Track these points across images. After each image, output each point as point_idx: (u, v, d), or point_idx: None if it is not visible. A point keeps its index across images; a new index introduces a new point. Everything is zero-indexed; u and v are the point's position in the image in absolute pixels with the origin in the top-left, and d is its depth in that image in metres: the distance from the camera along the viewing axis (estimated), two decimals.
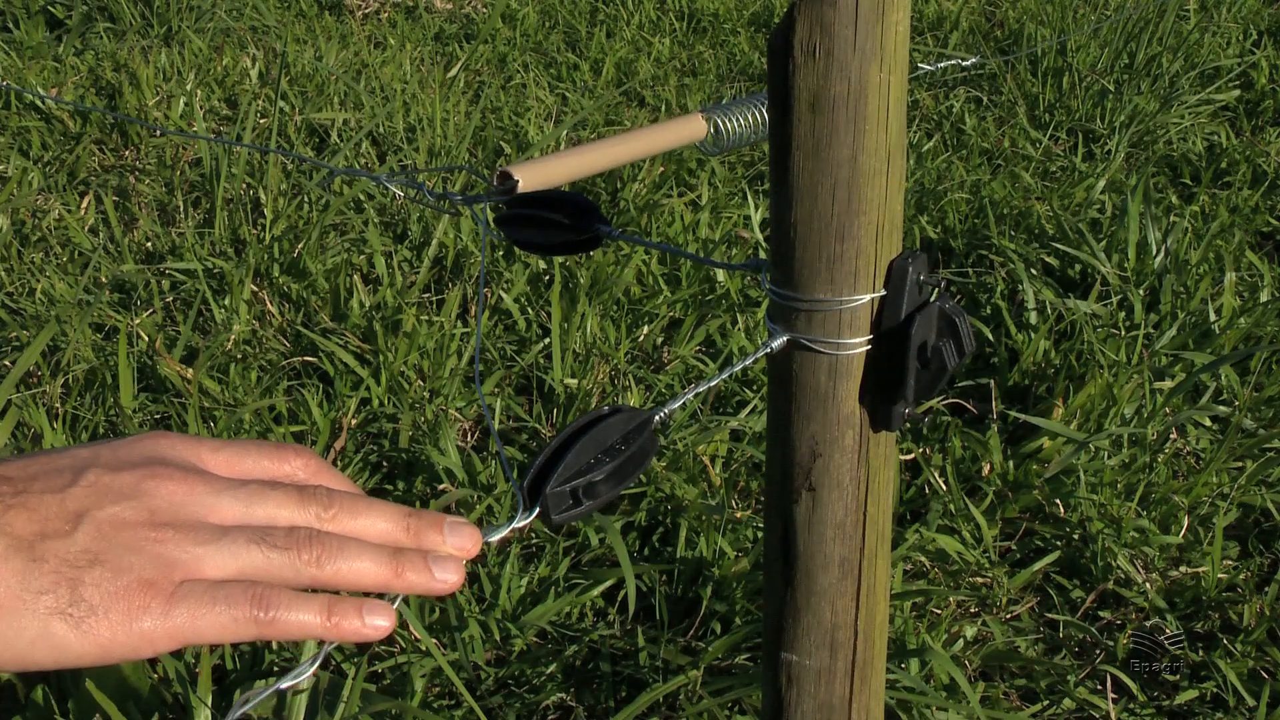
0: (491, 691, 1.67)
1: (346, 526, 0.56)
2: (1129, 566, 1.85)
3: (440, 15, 4.68)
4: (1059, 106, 3.65)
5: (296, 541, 0.53)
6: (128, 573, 0.48)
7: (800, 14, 0.71)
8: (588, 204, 0.95)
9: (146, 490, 0.51)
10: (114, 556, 0.48)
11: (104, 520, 0.49)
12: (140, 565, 0.49)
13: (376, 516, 0.57)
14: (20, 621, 0.46)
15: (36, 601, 0.47)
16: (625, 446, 0.71)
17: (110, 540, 0.49)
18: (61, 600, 0.47)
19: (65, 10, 4.35)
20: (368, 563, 0.54)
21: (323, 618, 0.52)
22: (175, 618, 0.49)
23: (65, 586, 0.47)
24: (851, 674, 0.94)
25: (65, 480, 0.50)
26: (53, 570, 0.47)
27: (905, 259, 0.79)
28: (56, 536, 0.48)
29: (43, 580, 0.47)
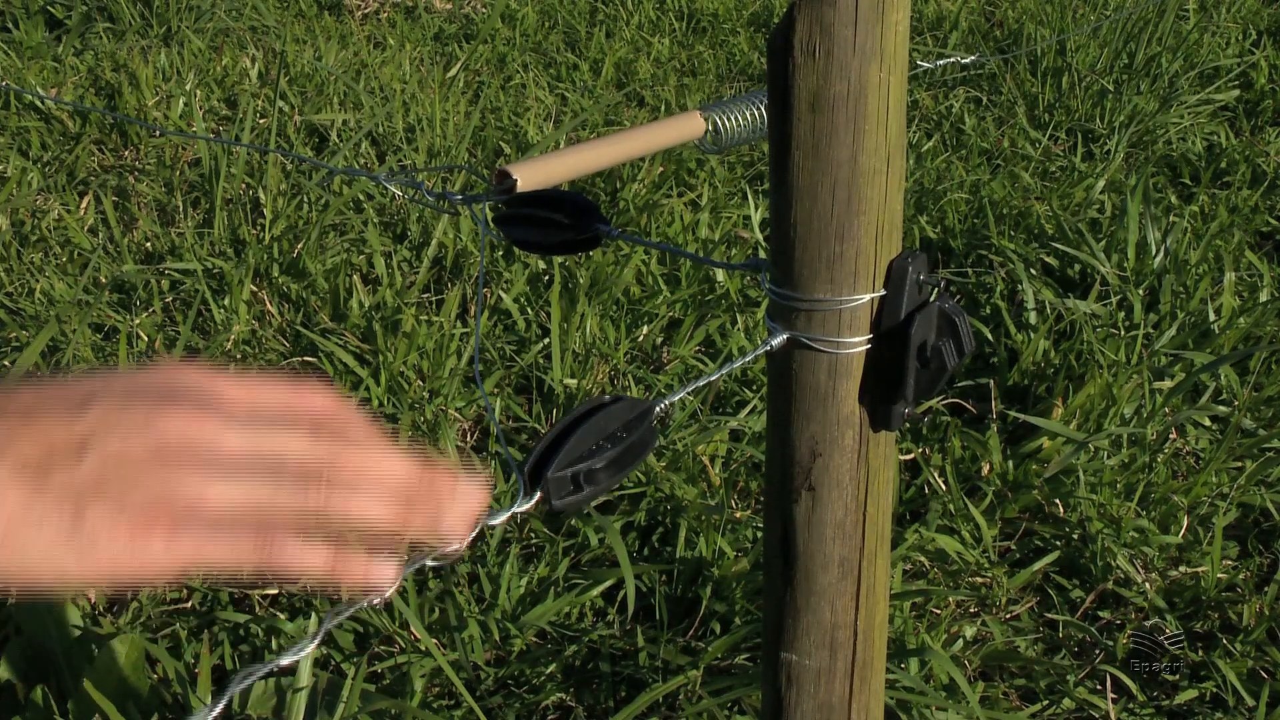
0: (491, 691, 1.67)
1: (359, 466, 0.55)
2: (1128, 566, 1.85)
3: (440, 15, 4.68)
4: (1058, 106, 3.65)
5: (305, 477, 0.52)
6: (133, 500, 0.49)
7: (800, 14, 0.71)
8: (587, 204, 0.95)
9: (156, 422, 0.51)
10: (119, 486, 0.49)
11: (111, 450, 0.49)
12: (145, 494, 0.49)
13: (390, 462, 0.56)
14: (27, 543, 0.47)
15: (41, 524, 0.47)
16: (626, 435, 0.71)
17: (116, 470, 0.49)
18: (65, 525, 0.48)
19: (65, 10, 4.35)
20: (375, 504, 0.54)
21: (327, 560, 0.52)
22: (179, 545, 0.49)
23: (70, 513, 0.48)
24: (851, 674, 0.94)
25: (75, 410, 0.50)
26: (57, 496, 0.48)
27: (905, 259, 0.79)
28: (63, 465, 0.48)
29: (47, 505, 0.48)
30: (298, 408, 0.56)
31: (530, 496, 0.67)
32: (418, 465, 0.57)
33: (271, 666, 0.55)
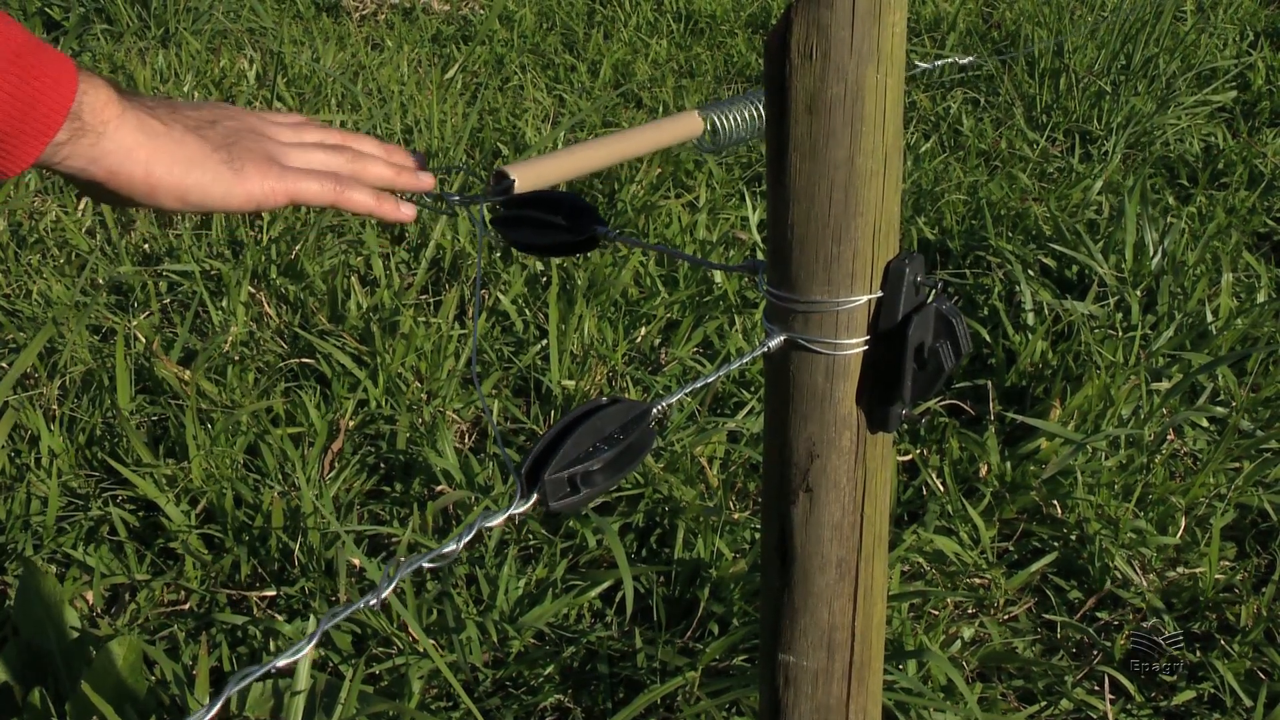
0: (489, 693, 1.67)
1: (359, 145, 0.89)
2: (1126, 567, 1.85)
3: (437, 17, 4.68)
4: (1056, 107, 3.66)
5: (337, 150, 0.86)
6: (254, 150, 0.79)
7: (797, 16, 0.71)
8: (585, 205, 0.95)
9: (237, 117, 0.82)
10: (243, 141, 0.80)
11: (228, 123, 0.80)
12: (258, 148, 0.80)
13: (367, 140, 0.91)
14: (204, 169, 0.75)
15: (212, 156, 0.76)
16: (623, 436, 0.71)
17: (236, 134, 0.80)
18: (224, 158, 0.77)
19: (62, 12, 4.35)
20: (380, 165, 0.88)
21: (375, 200, 0.86)
22: (288, 180, 0.80)
23: (224, 152, 0.77)
24: (849, 675, 0.94)
25: (194, 106, 0.80)
26: (213, 143, 0.77)
27: (902, 260, 0.79)
28: (207, 128, 0.78)
29: (212, 144, 0.77)
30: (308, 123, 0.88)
31: (528, 498, 0.67)
32: (382, 143, 0.91)
33: (269, 668, 0.55)
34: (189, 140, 0.75)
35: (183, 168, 0.73)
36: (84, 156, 0.69)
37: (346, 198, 0.82)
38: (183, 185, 0.74)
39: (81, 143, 0.69)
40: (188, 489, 1.95)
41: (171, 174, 0.73)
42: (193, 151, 0.74)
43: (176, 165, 0.73)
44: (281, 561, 1.86)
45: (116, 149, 0.70)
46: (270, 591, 1.81)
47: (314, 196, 0.80)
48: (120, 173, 0.71)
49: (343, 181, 0.82)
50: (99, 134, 0.69)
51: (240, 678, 0.55)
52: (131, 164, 0.71)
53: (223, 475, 1.96)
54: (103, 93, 0.69)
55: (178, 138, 0.74)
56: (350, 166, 0.85)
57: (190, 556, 1.85)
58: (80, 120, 0.68)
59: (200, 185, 0.74)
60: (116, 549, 1.89)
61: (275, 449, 2.02)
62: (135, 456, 2.00)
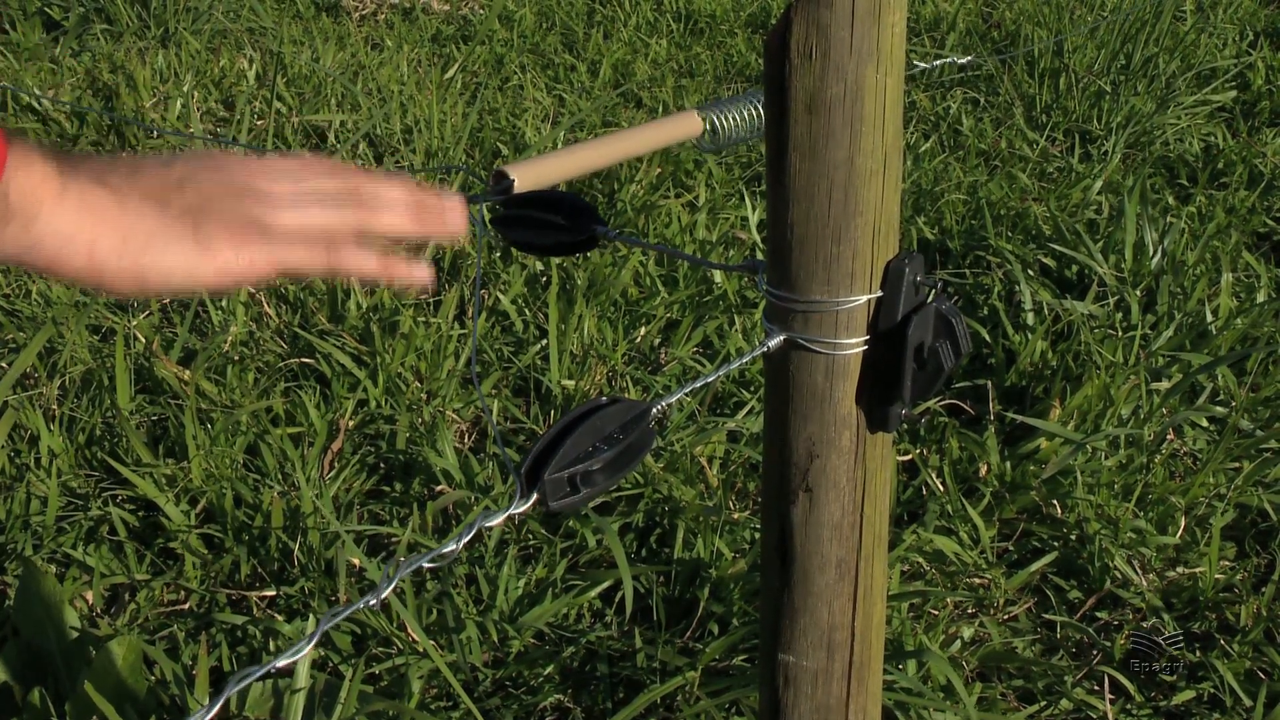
0: (489, 693, 1.67)
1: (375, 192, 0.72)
2: (1126, 567, 1.85)
3: (437, 16, 4.68)
4: (1056, 107, 3.66)
5: (341, 200, 0.70)
6: (229, 217, 0.66)
7: (797, 15, 0.71)
8: (585, 205, 0.95)
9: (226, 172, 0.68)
10: (218, 206, 0.66)
11: (203, 184, 0.67)
12: (237, 213, 0.66)
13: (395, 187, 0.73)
14: (163, 247, 0.63)
15: (171, 231, 0.64)
16: (623, 436, 0.71)
17: (209, 196, 0.66)
18: (188, 230, 0.64)
19: (62, 11, 4.35)
20: (398, 215, 0.72)
21: (378, 263, 0.70)
22: (271, 250, 0.67)
23: (189, 224, 0.65)
24: (849, 675, 0.94)
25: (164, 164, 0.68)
26: (177, 212, 0.65)
27: (902, 260, 0.79)
28: (174, 194, 0.65)
29: (171, 219, 0.64)
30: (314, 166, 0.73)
31: (527, 498, 0.67)
32: (412, 184, 0.74)
33: (269, 668, 0.56)
34: (145, 212, 0.63)
35: (136, 247, 0.63)
36: (16, 244, 0.60)
37: (342, 264, 0.69)
38: (136, 268, 0.63)
39: (9, 229, 0.59)
40: (187, 489, 1.95)
41: (121, 257, 0.62)
42: (148, 226, 0.63)
43: (129, 245, 0.62)
44: (281, 561, 1.86)
45: (53, 234, 0.61)
46: (270, 591, 1.81)
47: (302, 265, 0.68)
48: (60, 261, 0.61)
49: (337, 244, 0.68)
50: (31, 218, 0.60)
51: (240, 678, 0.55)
52: (72, 251, 0.61)
53: (222, 475, 1.96)
54: (37, 169, 0.60)
55: (130, 211, 0.63)
56: (354, 220, 0.70)
57: (190, 556, 1.85)
58: (6, 203, 0.59)
59: (158, 266, 0.63)
60: (116, 549, 1.89)
61: (275, 449, 2.02)
62: (135, 456, 2.00)
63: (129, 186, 0.64)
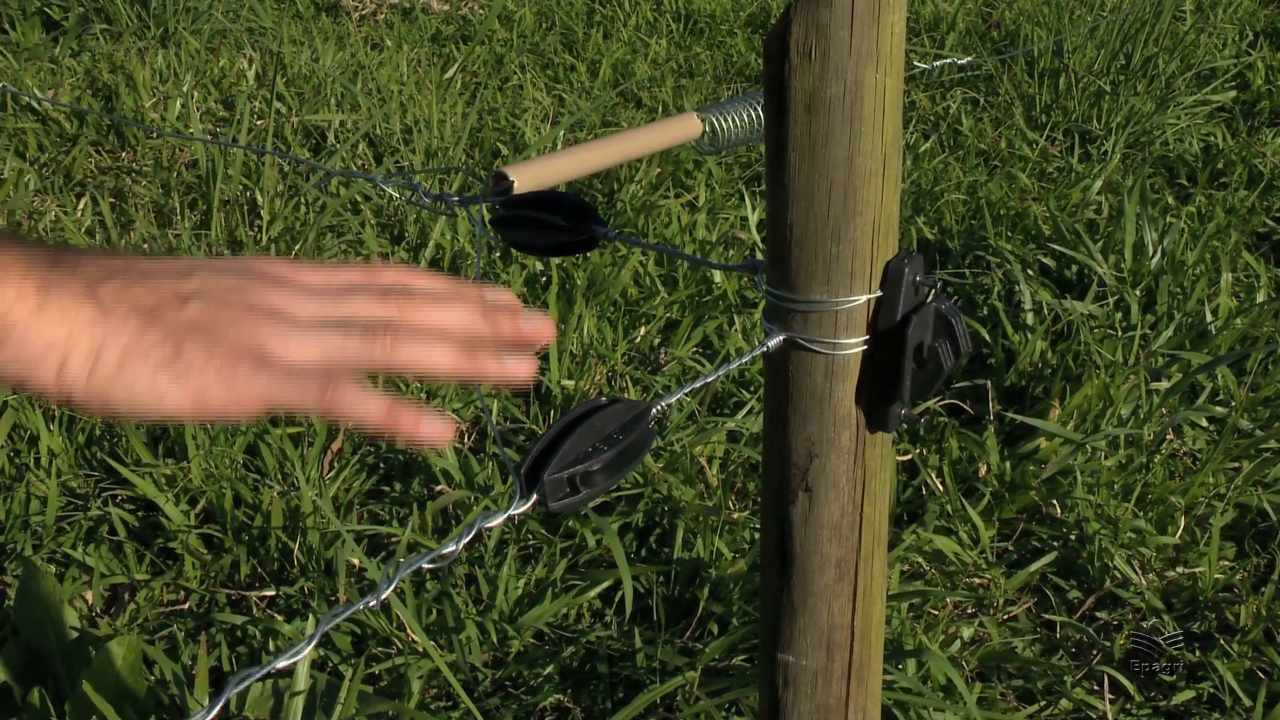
0: (489, 693, 1.67)
1: (426, 317, 0.61)
2: (1126, 567, 1.85)
3: (437, 16, 4.68)
4: (1055, 107, 3.66)
5: (373, 329, 0.60)
6: (224, 342, 0.57)
7: (796, 16, 0.71)
8: (584, 205, 0.95)
9: (247, 289, 0.60)
10: (214, 328, 0.58)
11: (210, 302, 0.58)
12: (235, 338, 0.58)
13: (455, 308, 0.62)
14: (135, 371, 0.56)
15: (148, 354, 0.56)
16: (622, 436, 0.71)
17: (213, 317, 0.58)
18: (168, 355, 0.56)
19: (62, 12, 4.35)
20: (439, 350, 0.60)
21: (383, 411, 0.58)
22: (259, 384, 0.57)
23: (172, 345, 0.56)
24: (848, 675, 0.94)
25: (183, 273, 0.59)
26: (163, 331, 0.56)
27: (901, 260, 0.79)
28: (170, 309, 0.57)
29: (155, 337, 0.56)
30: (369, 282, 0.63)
31: (527, 498, 0.67)
32: (479, 313, 0.63)
33: (269, 668, 0.55)
34: (128, 328, 0.56)
35: (106, 367, 0.55)
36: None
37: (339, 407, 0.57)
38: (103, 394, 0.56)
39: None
40: (187, 489, 1.95)
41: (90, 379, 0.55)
42: (123, 344, 0.56)
43: (99, 365, 0.55)
44: (281, 561, 1.86)
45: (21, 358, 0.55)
46: (270, 591, 1.81)
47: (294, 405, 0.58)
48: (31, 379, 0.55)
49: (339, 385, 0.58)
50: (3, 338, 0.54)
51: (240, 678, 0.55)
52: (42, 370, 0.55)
53: (222, 475, 1.96)
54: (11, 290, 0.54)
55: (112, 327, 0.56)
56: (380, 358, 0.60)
57: (190, 556, 1.85)
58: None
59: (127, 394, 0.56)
60: (116, 549, 1.89)
61: (275, 449, 2.02)
62: (135, 456, 2.00)
63: (121, 295, 0.57)
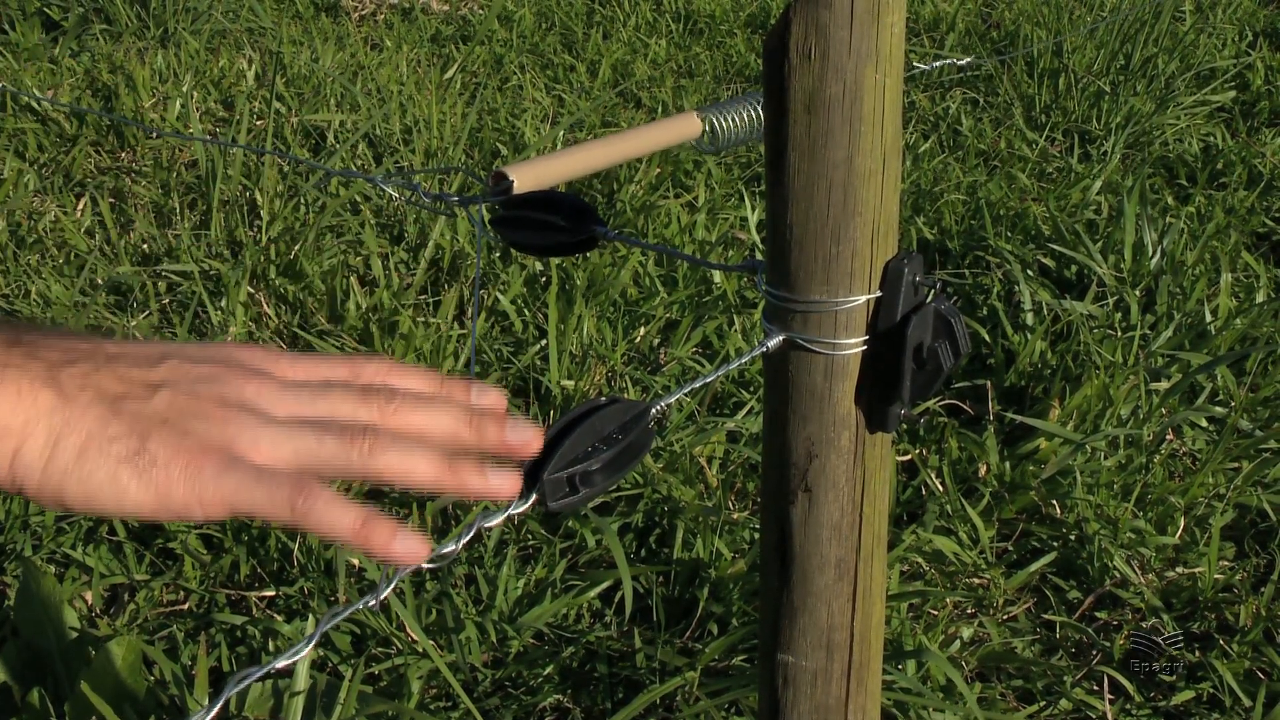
0: (489, 693, 1.67)
1: (408, 421, 0.58)
2: (1125, 567, 1.85)
3: (436, 17, 4.68)
4: (1055, 108, 3.66)
5: (351, 432, 0.56)
6: (191, 437, 0.54)
7: (795, 16, 0.71)
8: (584, 205, 0.95)
9: (220, 380, 0.56)
10: (182, 422, 0.54)
11: (179, 393, 0.55)
12: (203, 433, 0.54)
13: (439, 413, 0.59)
14: (94, 463, 0.52)
15: (110, 446, 0.52)
16: (622, 436, 0.71)
17: (181, 409, 0.54)
18: (131, 448, 0.52)
19: (61, 12, 4.35)
20: (421, 460, 0.56)
21: (356, 524, 0.54)
22: (225, 486, 0.53)
23: (136, 438, 0.53)
24: (848, 675, 0.94)
25: (151, 361, 0.56)
26: (127, 423, 0.53)
27: (901, 260, 0.79)
28: (136, 398, 0.54)
29: (118, 429, 0.53)
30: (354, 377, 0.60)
31: (526, 498, 0.67)
32: (464, 420, 0.59)
33: (268, 668, 0.55)
34: (89, 417, 0.53)
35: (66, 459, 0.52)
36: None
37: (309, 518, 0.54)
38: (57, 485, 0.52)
39: None
40: None
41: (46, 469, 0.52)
42: (87, 435, 0.52)
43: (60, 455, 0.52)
44: (281, 561, 1.86)
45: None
46: (269, 592, 1.81)
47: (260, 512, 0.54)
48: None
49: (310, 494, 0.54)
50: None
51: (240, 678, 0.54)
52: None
53: None
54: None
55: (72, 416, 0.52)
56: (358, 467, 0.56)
57: (189, 557, 1.85)
58: None
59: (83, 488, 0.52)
60: (115, 549, 1.89)
61: None
62: None
63: (84, 381, 0.53)
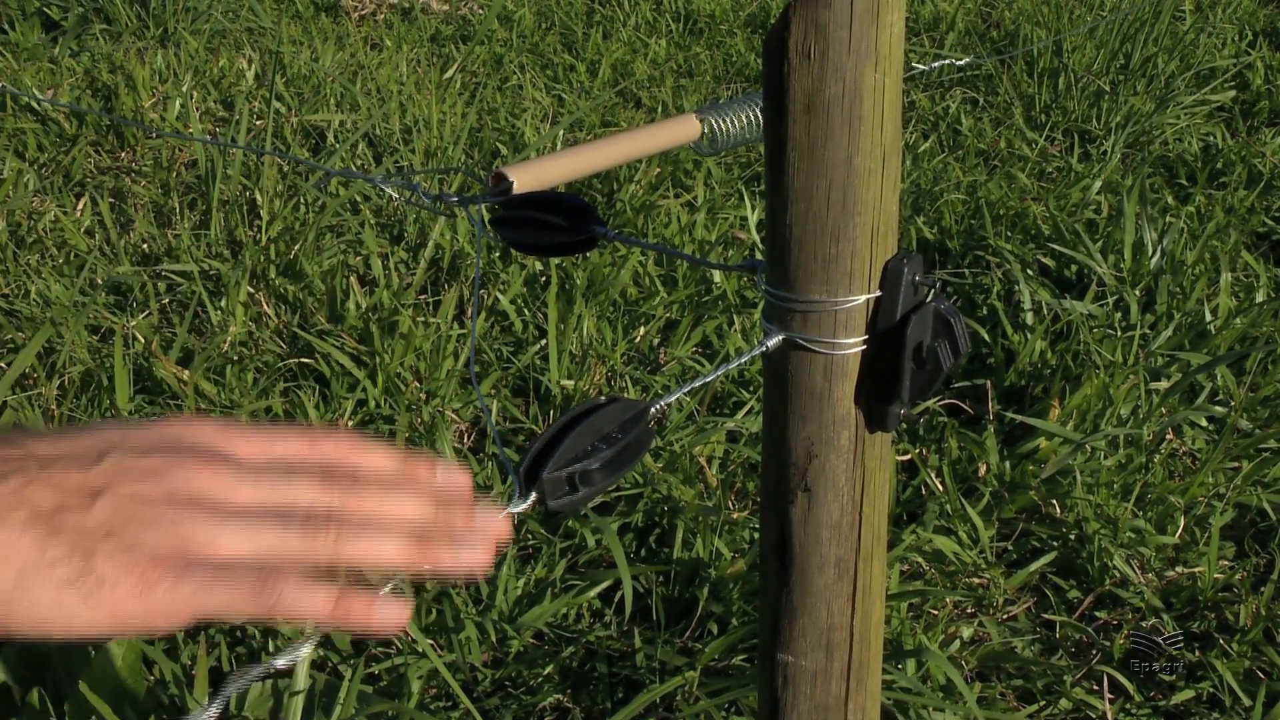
0: (488, 693, 1.67)
1: (370, 508, 0.55)
2: (1125, 567, 1.85)
3: (436, 16, 4.68)
4: (1055, 107, 3.66)
5: (315, 522, 0.53)
6: (140, 547, 0.49)
7: (795, 15, 0.71)
8: (584, 205, 0.95)
9: (169, 471, 0.52)
10: (129, 531, 0.49)
11: (123, 496, 0.50)
12: (154, 540, 0.50)
13: (403, 498, 0.57)
14: (36, 591, 0.48)
15: (51, 571, 0.48)
16: (622, 436, 0.71)
17: (127, 515, 0.50)
18: (74, 570, 0.48)
19: (61, 12, 4.34)
20: (387, 544, 0.54)
21: (330, 605, 0.52)
22: (183, 592, 0.49)
23: (79, 557, 0.48)
24: (848, 675, 0.94)
25: (90, 459, 0.51)
26: (68, 542, 0.48)
27: (900, 260, 0.79)
28: (75, 510, 0.49)
29: (58, 551, 0.48)
30: (310, 456, 0.57)
31: (526, 498, 0.67)
32: (430, 503, 0.57)
33: (268, 668, 0.55)
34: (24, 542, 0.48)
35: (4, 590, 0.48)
36: None
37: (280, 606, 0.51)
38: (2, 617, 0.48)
39: None
40: None
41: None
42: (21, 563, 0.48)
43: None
44: None
45: None
46: None
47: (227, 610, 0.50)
48: None
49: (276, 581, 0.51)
50: None
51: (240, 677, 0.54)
52: None
53: None
54: None
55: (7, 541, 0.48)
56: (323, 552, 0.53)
57: None
58: None
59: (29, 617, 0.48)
60: None
61: None
62: None
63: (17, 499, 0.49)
